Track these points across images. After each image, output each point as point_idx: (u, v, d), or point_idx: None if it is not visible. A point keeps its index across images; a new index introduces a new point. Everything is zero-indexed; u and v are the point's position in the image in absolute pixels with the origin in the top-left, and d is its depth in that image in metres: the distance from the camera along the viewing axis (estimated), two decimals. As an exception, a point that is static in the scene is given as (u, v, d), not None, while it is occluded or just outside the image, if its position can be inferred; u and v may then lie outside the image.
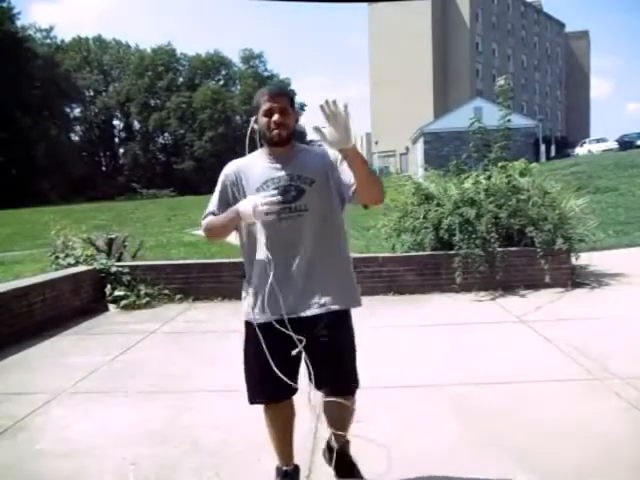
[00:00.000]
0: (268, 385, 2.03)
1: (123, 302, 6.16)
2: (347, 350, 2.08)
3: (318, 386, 2.00)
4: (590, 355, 3.83)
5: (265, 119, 2.00)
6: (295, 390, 2.06)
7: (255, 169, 2.06)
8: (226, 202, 2.09)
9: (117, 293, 6.24)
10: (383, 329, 4.77)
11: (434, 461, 2.50)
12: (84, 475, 2.54)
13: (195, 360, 4.21)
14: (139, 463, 2.59)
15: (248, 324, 2.07)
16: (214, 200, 2.13)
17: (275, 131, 1.99)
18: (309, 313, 1.99)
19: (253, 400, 2.12)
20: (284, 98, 2.03)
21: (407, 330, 4.89)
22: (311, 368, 1.98)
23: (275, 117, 1.98)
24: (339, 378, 2.04)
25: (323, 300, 2.00)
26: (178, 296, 6.37)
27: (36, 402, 3.38)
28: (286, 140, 2.02)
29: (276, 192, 1.95)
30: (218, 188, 2.13)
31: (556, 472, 2.37)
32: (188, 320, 5.60)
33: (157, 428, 2.98)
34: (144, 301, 6.23)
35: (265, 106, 1.99)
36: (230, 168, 2.13)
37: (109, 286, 6.32)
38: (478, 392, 3.33)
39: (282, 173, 2.01)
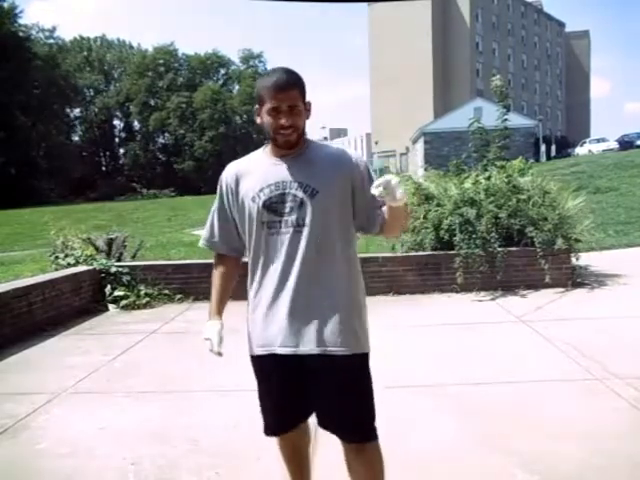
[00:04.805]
0: (275, 417, 1.86)
1: (123, 302, 6.16)
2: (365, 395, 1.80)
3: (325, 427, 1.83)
4: (590, 355, 3.84)
5: (270, 119, 1.65)
6: (303, 417, 1.89)
7: (254, 172, 1.75)
8: (229, 217, 1.83)
9: (117, 293, 6.25)
10: (383, 329, 4.74)
11: (434, 461, 2.51)
12: (84, 474, 2.54)
13: (195, 360, 4.21)
14: (139, 463, 2.59)
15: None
16: (214, 220, 1.87)
17: (281, 136, 1.66)
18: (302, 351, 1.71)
19: (266, 432, 1.92)
20: (294, 91, 1.64)
21: (407, 330, 4.89)
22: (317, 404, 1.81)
23: (282, 121, 1.63)
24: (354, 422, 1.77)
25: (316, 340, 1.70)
26: (178, 296, 6.37)
27: (37, 402, 3.39)
28: (295, 144, 1.69)
29: (216, 340, 1.98)
30: (216, 204, 1.85)
31: (556, 472, 2.37)
32: (188, 320, 5.60)
33: (157, 428, 2.98)
34: (144, 301, 6.23)
35: (269, 104, 1.63)
36: (228, 172, 1.82)
37: (109, 286, 6.32)
38: (478, 392, 3.33)
39: (280, 179, 1.69)
